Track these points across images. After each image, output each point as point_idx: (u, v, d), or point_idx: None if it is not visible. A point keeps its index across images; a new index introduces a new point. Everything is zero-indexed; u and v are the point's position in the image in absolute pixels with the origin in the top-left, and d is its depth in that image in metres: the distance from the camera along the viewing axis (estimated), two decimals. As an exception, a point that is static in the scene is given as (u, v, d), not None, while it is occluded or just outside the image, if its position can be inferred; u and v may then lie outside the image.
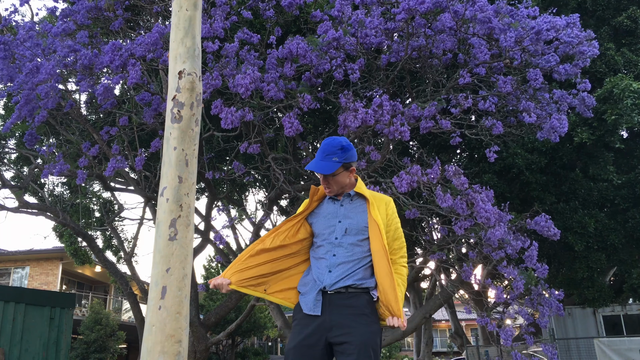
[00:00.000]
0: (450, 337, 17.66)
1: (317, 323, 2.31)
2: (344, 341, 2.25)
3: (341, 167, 2.47)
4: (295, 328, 2.38)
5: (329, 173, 2.44)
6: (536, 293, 5.71)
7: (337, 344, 2.27)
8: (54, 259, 21.35)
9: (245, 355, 26.75)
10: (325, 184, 2.51)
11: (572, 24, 5.87)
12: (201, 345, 8.58)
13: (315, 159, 2.51)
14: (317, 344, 2.27)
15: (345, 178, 2.51)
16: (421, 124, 5.64)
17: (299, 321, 2.37)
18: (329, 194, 2.55)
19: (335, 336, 2.27)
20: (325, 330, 2.29)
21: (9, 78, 6.08)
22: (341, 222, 2.49)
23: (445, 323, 36.75)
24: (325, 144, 2.51)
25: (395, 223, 2.54)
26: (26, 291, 8.26)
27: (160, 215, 2.49)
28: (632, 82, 7.06)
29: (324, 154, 2.48)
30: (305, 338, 2.29)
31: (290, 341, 2.35)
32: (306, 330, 2.31)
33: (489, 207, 5.54)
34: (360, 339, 2.24)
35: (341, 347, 2.25)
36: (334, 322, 2.29)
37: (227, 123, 5.34)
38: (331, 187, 2.51)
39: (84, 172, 6.50)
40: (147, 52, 5.68)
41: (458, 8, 5.64)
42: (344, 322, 2.28)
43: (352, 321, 2.29)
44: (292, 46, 5.59)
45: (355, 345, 2.22)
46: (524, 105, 5.96)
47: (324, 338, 2.28)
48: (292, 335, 2.37)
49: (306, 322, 2.33)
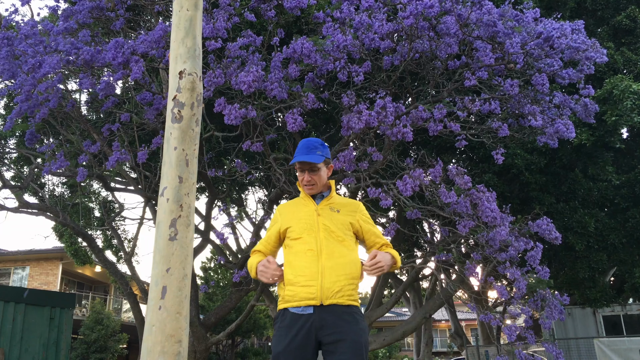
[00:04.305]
0: (450, 337, 17.66)
1: (305, 323, 2.29)
2: (337, 339, 2.25)
3: (323, 162, 2.53)
4: (280, 330, 2.33)
5: (319, 162, 2.49)
6: (540, 296, 5.71)
7: (329, 342, 2.26)
8: (54, 259, 21.36)
9: (245, 355, 26.75)
10: (308, 181, 2.53)
11: (577, 30, 5.87)
12: (201, 345, 8.58)
13: (299, 153, 2.52)
14: (307, 344, 2.26)
15: (325, 175, 2.57)
16: (430, 126, 5.64)
17: (284, 323, 2.33)
18: (310, 192, 2.56)
19: (326, 335, 2.26)
20: (316, 329, 2.28)
21: (11, 74, 6.08)
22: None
23: (445, 323, 36.76)
24: (307, 140, 2.57)
25: (369, 221, 2.63)
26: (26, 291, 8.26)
27: (161, 215, 2.49)
28: (632, 83, 7.06)
29: (307, 148, 2.52)
30: (293, 340, 2.26)
31: (277, 344, 2.29)
32: (294, 332, 2.28)
33: (495, 207, 5.55)
34: (353, 337, 2.26)
35: (333, 346, 2.25)
36: (324, 321, 2.28)
37: (230, 119, 5.36)
38: (315, 182, 2.53)
39: (84, 170, 6.50)
40: (149, 49, 5.68)
41: (462, 12, 5.64)
42: (335, 320, 2.28)
43: (341, 320, 2.29)
44: (296, 46, 5.60)
45: (349, 343, 2.23)
46: (529, 108, 5.96)
47: (314, 337, 2.27)
48: (277, 339, 2.32)
49: (291, 325, 2.30)
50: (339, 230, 2.46)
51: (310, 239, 2.42)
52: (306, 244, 2.42)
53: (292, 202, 2.64)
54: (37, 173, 9.79)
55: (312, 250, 2.39)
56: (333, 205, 2.57)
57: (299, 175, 2.56)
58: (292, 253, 2.45)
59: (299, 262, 2.40)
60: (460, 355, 21.37)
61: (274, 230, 2.56)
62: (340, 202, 2.61)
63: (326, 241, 2.42)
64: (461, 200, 5.62)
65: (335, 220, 2.50)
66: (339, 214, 2.53)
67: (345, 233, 2.48)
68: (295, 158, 2.52)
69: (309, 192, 2.56)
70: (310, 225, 2.46)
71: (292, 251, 2.46)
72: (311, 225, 2.46)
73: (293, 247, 2.46)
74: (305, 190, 2.57)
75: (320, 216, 2.49)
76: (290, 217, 2.54)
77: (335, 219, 2.50)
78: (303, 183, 2.55)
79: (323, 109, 8.04)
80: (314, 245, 2.40)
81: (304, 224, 2.47)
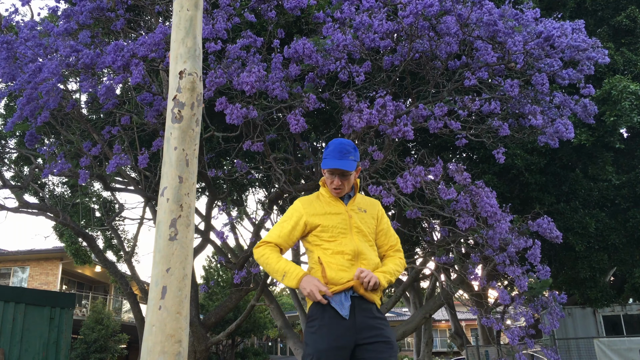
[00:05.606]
0: (450, 337, 17.66)
1: (347, 325, 2.30)
2: (376, 341, 2.30)
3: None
4: (322, 329, 2.30)
5: (352, 170, 2.45)
6: (542, 302, 5.71)
7: (368, 344, 2.29)
8: (54, 259, 21.37)
9: (245, 355, 26.77)
10: (338, 185, 2.48)
11: (578, 29, 5.87)
12: (201, 345, 8.58)
13: (332, 157, 2.46)
14: (348, 345, 2.28)
15: (354, 179, 2.55)
16: (430, 124, 5.64)
17: (325, 321, 2.32)
18: (339, 195, 2.52)
19: (365, 337, 2.30)
20: (355, 332, 2.30)
21: (11, 77, 6.08)
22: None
23: (445, 323, 36.76)
24: (340, 143, 2.50)
25: (387, 222, 2.63)
26: (26, 291, 8.26)
27: (161, 215, 2.49)
28: (630, 84, 7.07)
29: (341, 153, 2.46)
30: (336, 339, 2.27)
31: (319, 342, 2.28)
32: (337, 332, 2.29)
33: (494, 202, 5.56)
34: (390, 338, 2.34)
35: (372, 346, 2.29)
36: (363, 324, 2.32)
37: (232, 118, 5.36)
38: (343, 187, 2.50)
39: (85, 172, 6.51)
40: (149, 52, 5.68)
41: (462, 11, 5.64)
42: (370, 323, 2.33)
43: (375, 322, 2.35)
44: (298, 46, 5.60)
45: (387, 343, 2.31)
46: (530, 108, 5.97)
47: (354, 340, 2.29)
48: (319, 336, 2.29)
49: (334, 323, 2.30)
50: (368, 232, 2.50)
51: (346, 242, 2.42)
52: (343, 246, 2.41)
53: (315, 199, 2.58)
54: (37, 173, 9.79)
55: (349, 254, 2.40)
56: (360, 205, 2.56)
57: (328, 178, 2.51)
58: (327, 254, 2.41)
59: (337, 262, 2.39)
60: (460, 356, 21.37)
61: (299, 225, 2.49)
62: (364, 201, 2.61)
63: (361, 244, 2.43)
64: (461, 197, 5.63)
65: (364, 221, 2.51)
66: (366, 215, 2.54)
67: (371, 234, 2.52)
68: (328, 163, 2.46)
69: (336, 195, 2.53)
70: (344, 227, 2.45)
71: (327, 252, 2.42)
72: (345, 228, 2.45)
73: (329, 249, 2.43)
74: (332, 193, 2.53)
75: (352, 218, 2.48)
76: (319, 215, 2.48)
77: (364, 221, 2.51)
78: (332, 186, 2.50)
79: (323, 109, 8.04)
80: (350, 249, 2.40)
81: (338, 226, 2.45)
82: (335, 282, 2.35)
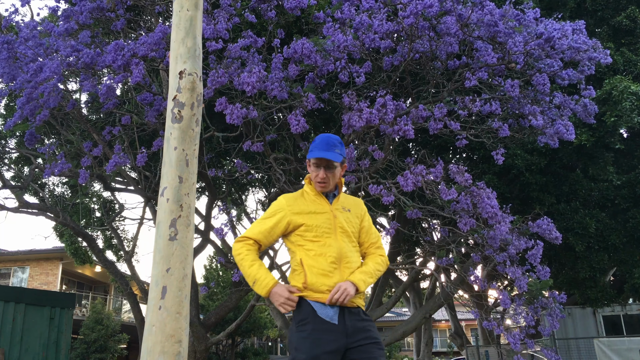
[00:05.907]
0: (450, 337, 17.65)
1: (338, 329, 2.28)
2: (366, 343, 2.30)
3: (340, 161, 2.46)
4: (315, 333, 2.26)
5: (338, 161, 2.42)
6: (542, 303, 5.70)
7: (360, 345, 2.29)
8: (54, 259, 21.36)
9: (245, 355, 26.76)
10: (322, 178, 2.43)
11: (578, 30, 5.87)
12: (201, 345, 8.58)
13: (318, 149, 2.42)
14: (340, 349, 2.27)
15: (339, 174, 2.50)
16: (430, 125, 5.64)
17: (317, 326, 2.28)
18: (322, 190, 2.47)
19: (355, 341, 2.29)
20: (347, 336, 2.29)
21: (11, 77, 6.08)
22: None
23: (445, 323, 36.74)
24: (326, 136, 2.47)
25: (369, 220, 2.62)
26: (26, 291, 8.27)
27: (161, 215, 2.49)
28: (631, 84, 7.07)
29: (327, 145, 2.42)
30: (330, 343, 2.25)
31: (313, 347, 2.22)
32: (330, 336, 2.26)
33: (495, 203, 5.55)
34: (379, 339, 2.35)
35: (364, 348, 2.29)
36: (353, 327, 2.31)
37: (232, 118, 5.36)
38: (328, 181, 2.44)
39: (86, 172, 6.51)
40: (149, 52, 5.68)
41: (462, 12, 5.64)
42: (360, 326, 2.33)
43: (364, 325, 2.35)
44: (297, 46, 5.60)
45: (377, 344, 2.32)
46: (530, 109, 5.96)
47: (345, 343, 2.28)
48: (312, 341, 2.24)
49: (326, 328, 2.27)
50: (352, 232, 2.46)
51: (330, 242, 2.37)
52: (327, 247, 2.36)
53: (299, 197, 2.51)
54: (37, 173, 9.79)
55: (332, 256, 2.35)
56: (344, 204, 2.52)
57: (313, 171, 2.45)
58: (310, 256, 2.36)
59: (320, 267, 2.34)
60: (460, 356, 21.37)
61: (281, 223, 2.42)
62: (348, 200, 2.57)
63: (345, 246, 2.39)
64: (462, 198, 5.62)
65: (349, 221, 2.47)
66: (351, 214, 2.50)
67: (355, 234, 2.49)
68: (313, 153, 2.42)
69: (320, 190, 2.47)
70: (328, 227, 2.40)
71: (309, 254, 2.36)
72: (329, 228, 2.40)
73: (312, 250, 2.37)
74: (317, 187, 2.47)
75: (337, 218, 2.44)
76: (303, 214, 2.42)
77: (349, 220, 2.47)
78: (317, 179, 2.43)
79: (323, 109, 8.04)
80: (334, 250, 2.36)
81: (322, 225, 2.40)
82: (315, 288, 2.30)
